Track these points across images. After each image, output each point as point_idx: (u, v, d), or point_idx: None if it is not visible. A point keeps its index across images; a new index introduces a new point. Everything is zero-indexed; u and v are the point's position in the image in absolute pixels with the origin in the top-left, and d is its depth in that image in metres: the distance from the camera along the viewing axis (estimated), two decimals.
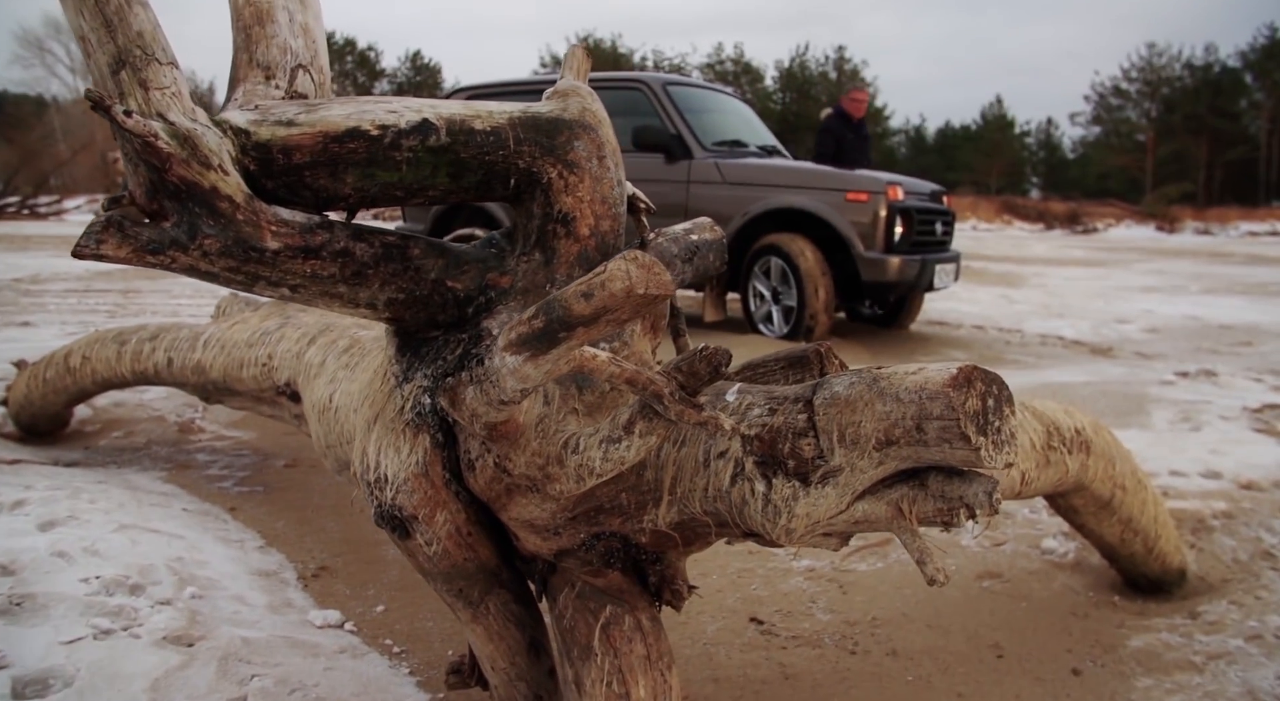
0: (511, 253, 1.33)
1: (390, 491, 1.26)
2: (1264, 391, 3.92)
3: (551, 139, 1.26)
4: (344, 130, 1.14)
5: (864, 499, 1.05)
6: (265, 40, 1.21)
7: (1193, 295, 9.22)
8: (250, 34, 1.21)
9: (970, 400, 0.94)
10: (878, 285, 4.79)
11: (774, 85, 49.83)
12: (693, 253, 1.28)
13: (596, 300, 0.82)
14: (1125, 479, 1.96)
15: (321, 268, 1.17)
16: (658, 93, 5.33)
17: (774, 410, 1.07)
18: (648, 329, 1.22)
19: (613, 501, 1.16)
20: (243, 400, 2.61)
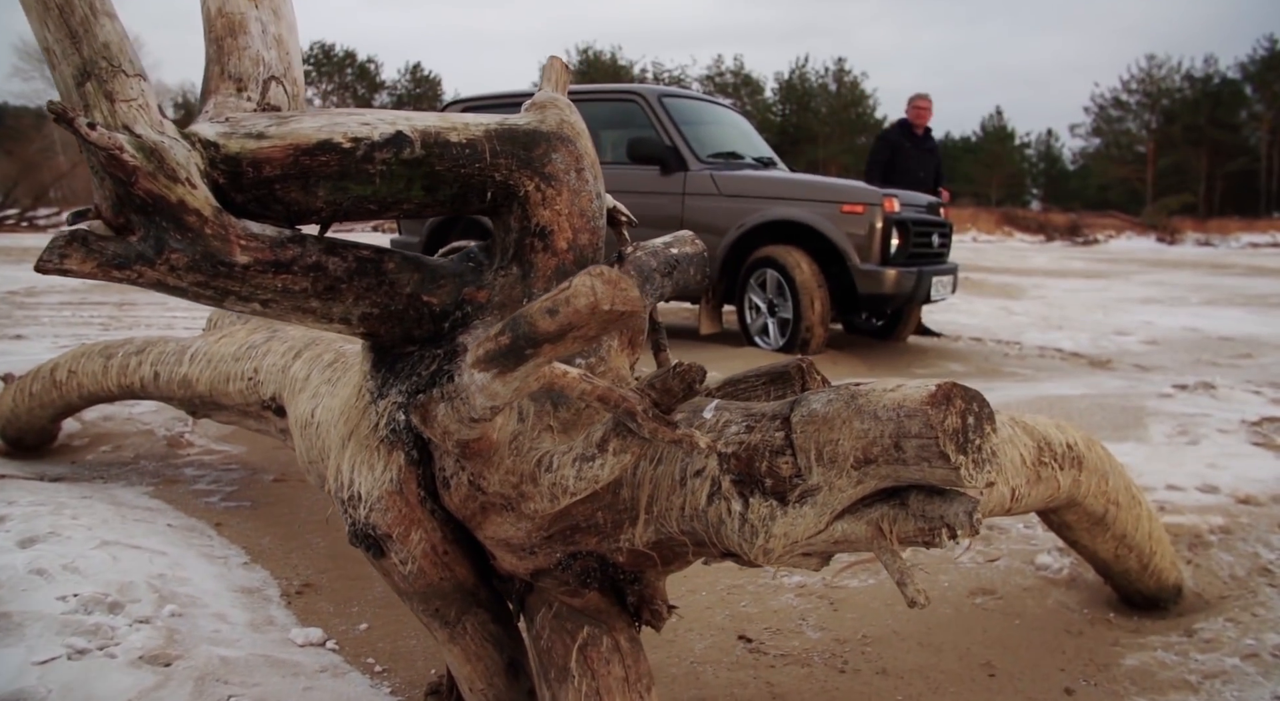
0: (489, 267, 1.31)
1: (364, 509, 1.24)
2: (1263, 404, 3.89)
3: (528, 151, 1.24)
4: (315, 143, 1.13)
5: (843, 518, 1.03)
6: (237, 52, 1.19)
7: (1193, 307, 9.20)
8: (222, 45, 1.19)
9: (949, 418, 0.92)
10: (874, 297, 4.77)
11: (774, 97, 49.97)
12: (672, 266, 1.26)
13: (561, 316, 0.80)
14: (1119, 494, 1.94)
15: (293, 282, 1.15)
16: (653, 105, 5.32)
17: (751, 427, 1.05)
18: (625, 344, 1.20)
19: (588, 520, 1.14)
20: (229, 414, 2.59)
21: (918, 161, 6.49)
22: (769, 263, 4.89)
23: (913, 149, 6.52)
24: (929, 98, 6.69)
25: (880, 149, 6.64)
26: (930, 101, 6.63)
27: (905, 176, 6.31)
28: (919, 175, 6.41)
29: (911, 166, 6.43)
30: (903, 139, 6.55)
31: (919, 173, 6.43)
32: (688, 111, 5.61)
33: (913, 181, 6.26)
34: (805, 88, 49.35)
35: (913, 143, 6.55)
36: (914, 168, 6.42)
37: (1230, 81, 44.48)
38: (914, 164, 6.45)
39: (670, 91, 5.75)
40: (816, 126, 47.52)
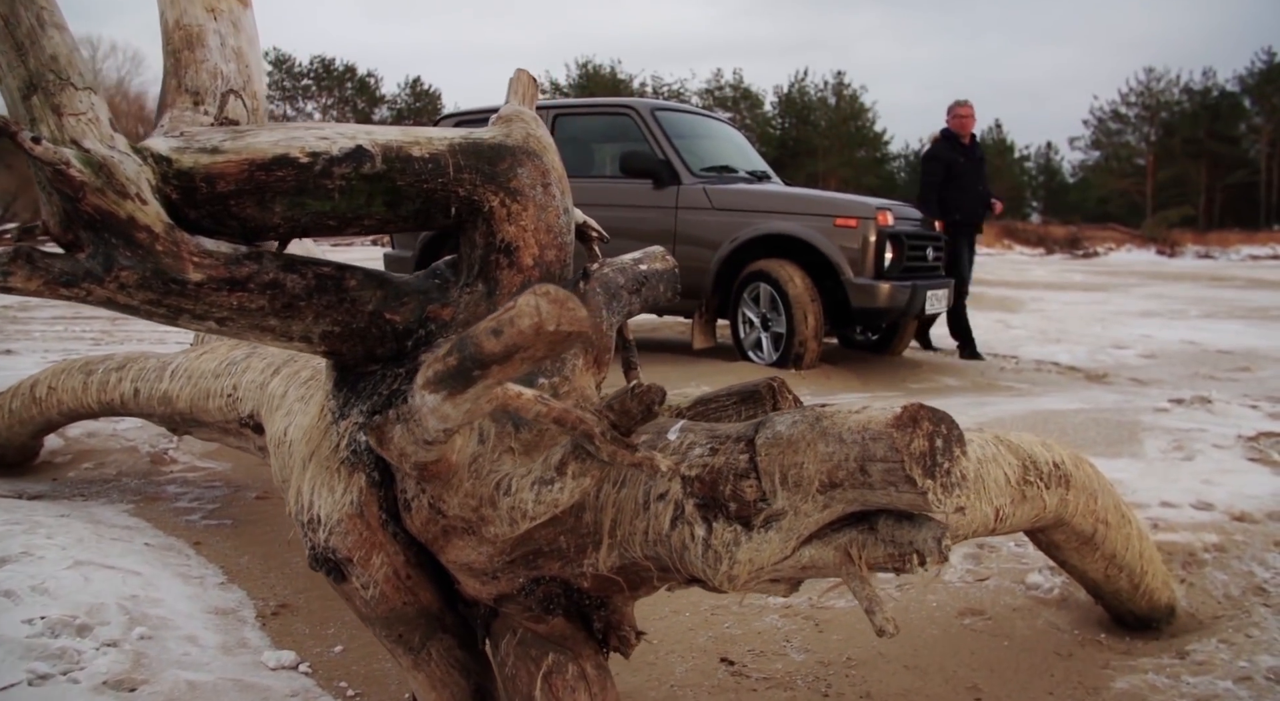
0: (455, 283, 1.28)
1: (324, 533, 1.20)
2: (1259, 419, 3.85)
3: (493, 166, 1.21)
4: (271, 158, 1.10)
5: (811, 543, 0.99)
6: (195, 65, 1.17)
7: (1191, 320, 9.17)
8: (179, 58, 1.17)
9: (916, 441, 0.89)
10: (867, 311, 4.74)
11: (773, 110, 50.10)
12: (641, 283, 1.23)
13: (506, 337, 0.77)
14: (1108, 513, 1.90)
15: (249, 300, 1.12)
16: (646, 118, 5.31)
17: (716, 450, 1.02)
18: (590, 363, 1.17)
19: (551, 544, 1.11)
20: (210, 432, 2.56)
21: (973, 174, 6.08)
22: (762, 277, 4.87)
23: (965, 162, 6.09)
24: (970, 104, 6.24)
25: (934, 169, 6.13)
26: (972, 108, 6.23)
27: (964, 193, 6.00)
28: (976, 189, 6.08)
29: (968, 180, 6.04)
30: (954, 153, 6.11)
31: (977, 186, 6.08)
32: (681, 125, 5.59)
33: (971, 197, 6.02)
34: (805, 101, 49.48)
35: (963, 155, 6.11)
36: (971, 181, 6.05)
37: (1229, 94, 44.59)
38: (970, 177, 6.05)
39: (663, 105, 5.74)
40: (816, 140, 47.62)
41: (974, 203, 6.09)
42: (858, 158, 48.15)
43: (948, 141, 6.19)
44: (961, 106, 6.20)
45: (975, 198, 6.09)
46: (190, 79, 1.16)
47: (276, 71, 48.08)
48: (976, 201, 6.09)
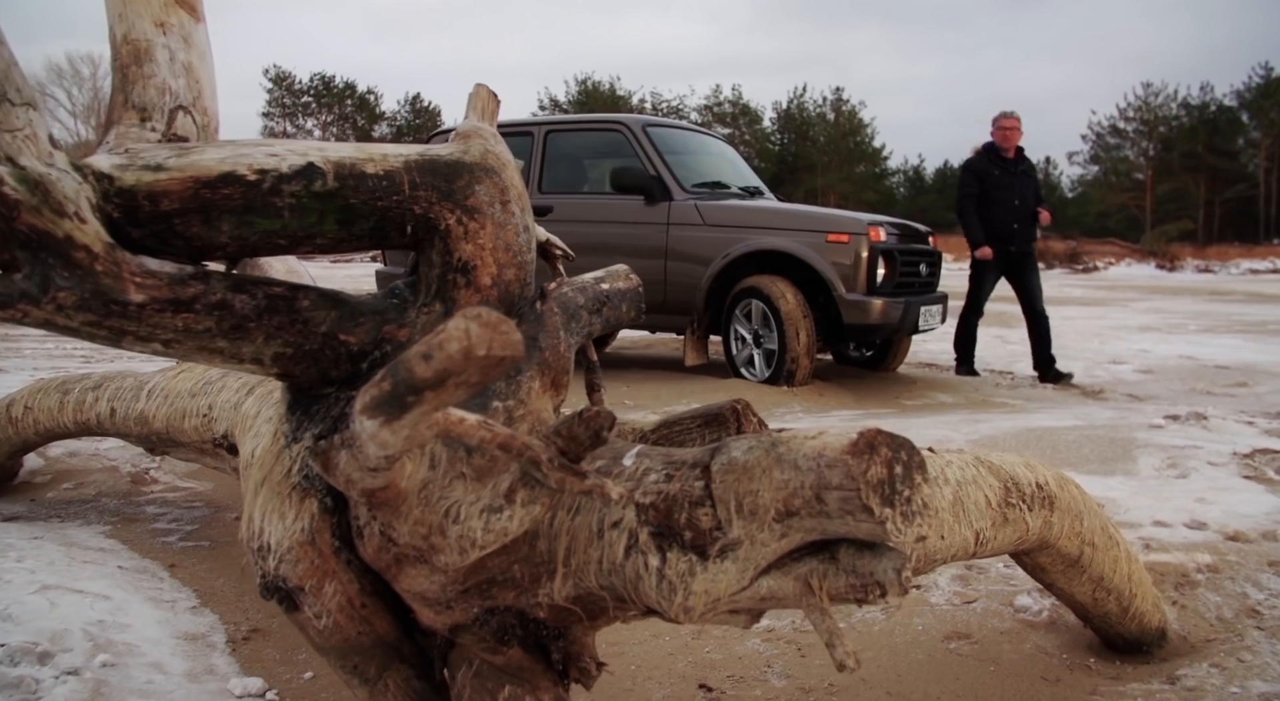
0: (413, 304, 1.25)
1: (273, 560, 1.17)
2: (1255, 435, 3.81)
3: (450, 183, 1.18)
4: (217, 175, 1.07)
5: (770, 574, 0.96)
6: (142, 80, 1.14)
7: (1190, 334, 9.13)
8: (127, 74, 1.14)
9: (873, 468, 0.85)
10: (860, 327, 4.71)
11: (772, 126, 50.26)
12: (601, 303, 1.20)
13: (436, 362, 0.73)
14: (1094, 535, 1.86)
15: (195, 321, 1.09)
16: (637, 134, 5.29)
17: (671, 476, 0.98)
18: (548, 385, 1.13)
19: (505, 574, 1.07)
20: (187, 452, 2.52)
21: (1010, 188, 5.81)
22: (754, 293, 4.84)
23: (1002, 175, 5.83)
24: (1016, 116, 5.94)
25: (967, 181, 5.95)
26: (1018, 120, 5.92)
27: (998, 207, 5.78)
28: (1013, 203, 5.79)
29: (1003, 195, 5.79)
30: (989, 166, 5.89)
31: (1013, 200, 5.80)
32: (673, 141, 5.58)
33: (1006, 211, 5.77)
34: (803, 117, 49.65)
35: (1002, 168, 5.86)
36: (1006, 196, 5.79)
37: (1227, 109, 44.72)
38: (1006, 192, 5.80)
39: (655, 121, 5.72)
40: (815, 155, 47.76)
41: (1006, 219, 5.79)
42: (857, 173, 48.26)
43: (988, 154, 5.95)
44: (1006, 118, 5.93)
45: (1010, 213, 5.79)
46: (137, 95, 1.13)
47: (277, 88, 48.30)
48: (1011, 216, 5.79)
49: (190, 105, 1.17)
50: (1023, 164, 5.94)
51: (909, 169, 54.12)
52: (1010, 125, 5.89)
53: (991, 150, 5.93)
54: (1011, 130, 5.88)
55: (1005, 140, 5.87)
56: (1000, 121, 5.94)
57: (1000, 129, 5.90)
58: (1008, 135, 5.87)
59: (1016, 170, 5.88)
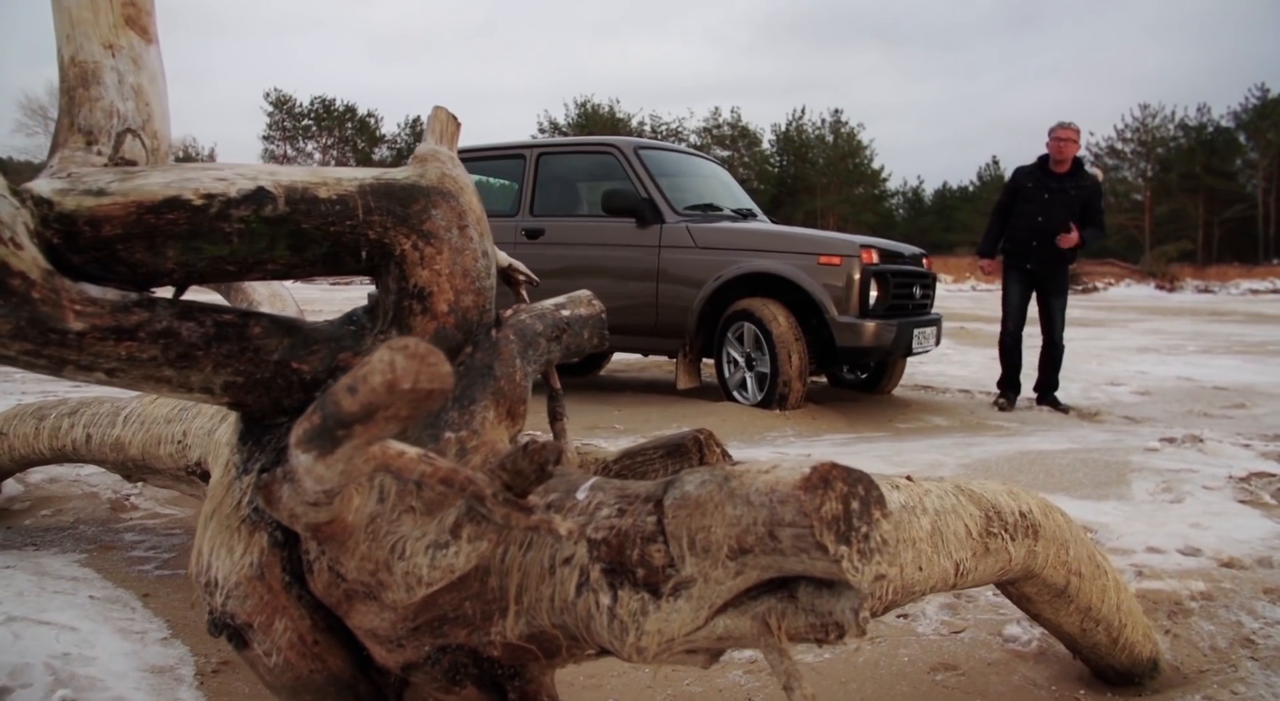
0: (370, 330, 1.22)
1: (221, 596, 1.13)
2: (1251, 458, 3.77)
3: (405, 208, 1.15)
4: (161, 200, 1.04)
5: (726, 612, 0.92)
6: (89, 103, 1.12)
7: (1189, 355, 9.09)
8: (74, 96, 1.11)
9: (827, 504, 0.81)
10: (853, 350, 4.67)
11: (771, 148, 50.46)
12: (561, 330, 1.17)
13: (360, 396, 0.70)
14: (1081, 564, 1.81)
15: (139, 350, 1.05)
16: (629, 157, 5.28)
17: (624, 511, 0.94)
18: (503, 415, 1.10)
19: (456, 611, 1.03)
20: (163, 478, 2.49)
21: (1039, 203, 5.42)
22: (746, 316, 4.80)
23: (1035, 189, 5.45)
24: (1073, 127, 5.45)
25: (1006, 191, 5.65)
26: (1075, 131, 5.44)
27: (1021, 221, 5.46)
28: (1036, 219, 5.40)
29: (1029, 209, 5.43)
30: (1026, 178, 5.51)
31: (1037, 216, 5.40)
32: (664, 163, 5.57)
33: (1028, 227, 5.42)
34: (802, 139, 49.86)
35: (1038, 181, 5.46)
36: (1031, 210, 5.42)
37: (1224, 130, 44.92)
38: (1033, 206, 5.42)
39: (647, 143, 5.72)
40: (814, 177, 47.93)
41: (1026, 236, 5.44)
42: (856, 195, 48.40)
43: (1038, 166, 5.53)
44: (1062, 129, 5.44)
45: (1030, 231, 5.43)
46: (84, 118, 1.11)
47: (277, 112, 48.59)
48: (1030, 235, 5.43)
49: (139, 128, 1.14)
50: (1072, 180, 5.44)
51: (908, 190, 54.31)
52: (1066, 136, 5.40)
53: (1043, 162, 5.52)
54: (1066, 141, 5.39)
55: (1059, 151, 5.41)
56: (1055, 131, 5.46)
57: (1055, 139, 5.44)
58: (1062, 146, 5.40)
59: (1057, 186, 5.43)
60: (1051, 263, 5.50)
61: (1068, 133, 5.41)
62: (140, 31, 1.13)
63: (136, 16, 1.12)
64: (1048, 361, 5.62)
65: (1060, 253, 5.42)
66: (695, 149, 45.03)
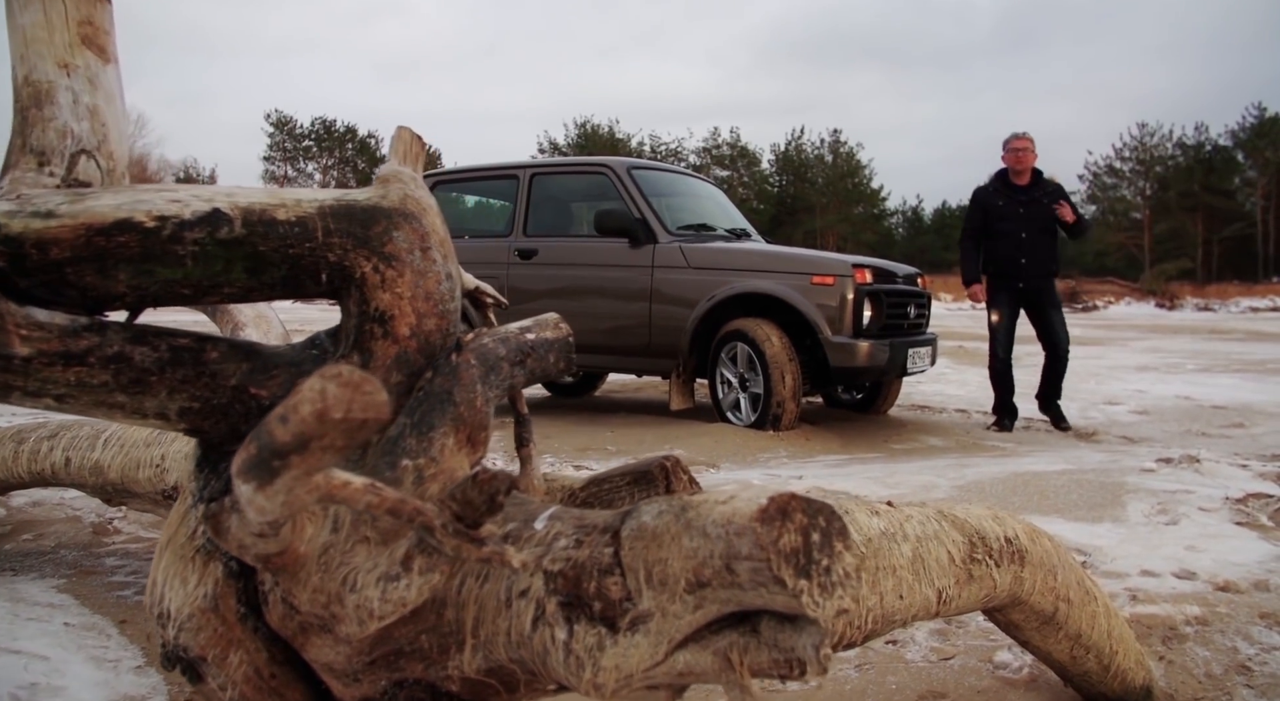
0: (332, 354, 1.19)
1: (173, 629, 1.09)
2: (1249, 479, 3.73)
3: (366, 229, 1.13)
4: (112, 222, 1.02)
5: (687, 647, 0.88)
6: (42, 123, 1.09)
7: (1188, 374, 9.06)
8: (27, 116, 1.09)
9: (785, 536, 0.78)
10: (847, 370, 4.64)
11: (770, 168, 50.63)
12: (525, 354, 1.14)
13: (291, 426, 0.68)
14: (1069, 590, 1.78)
15: (90, 375, 1.03)
16: (622, 177, 5.28)
17: (581, 542, 0.91)
18: (464, 441, 1.07)
19: (412, 644, 1.00)
20: (143, 502, 2.45)
21: (1016, 219, 5.30)
22: (739, 336, 4.78)
23: (1007, 205, 5.33)
24: (1028, 137, 5.37)
25: (971, 213, 5.54)
26: (1030, 141, 5.36)
27: (1003, 240, 5.33)
28: (1019, 236, 5.29)
29: (1008, 227, 5.31)
30: (994, 196, 5.41)
31: (1019, 233, 5.29)
32: (658, 183, 5.56)
33: (1012, 245, 5.31)
34: (801, 159, 50.03)
35: (1009, 197, 5.35)
36: (1012, 228, 5.30)
37: (1222, 148, 45.07)
38: (1012, 223, 5.30)
39: (640, 163, 5.71)
40: (814, 197, 48.06)
41: (1011, 254, 5.33)
42: (855, 214, 48.52)
43: (999, 181, 5.46)
44: (1017, 140, 5.36)
45: (1015, 248, 5.32)
46: (36, 138, 1.09)
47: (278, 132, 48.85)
48: (1016, 253, 5.32)
49: (94, 149, 1.12)
50: (1037, 190, 5.37)
51: (907, 209, 54.45)
52: (1022, 146, 5.34)
53: (1003, 177, 5.45)
54: (1023, 151, 5.33)
55: (1019, 162, 5.35)
56: (1011, 143, 5.39)
57: (1013, 151, 5.37)
58: (1020, 157, 5.34)
59: (1028, 198, 5.34)
60: (1041, 277, 5.45)
61: (1024, 142, 5.35)
62: (98, 51, 1.11)
63: (94, 36, 1.10)
64: (1052, 372, 5.52)
65: (1049, 265, 5.45)
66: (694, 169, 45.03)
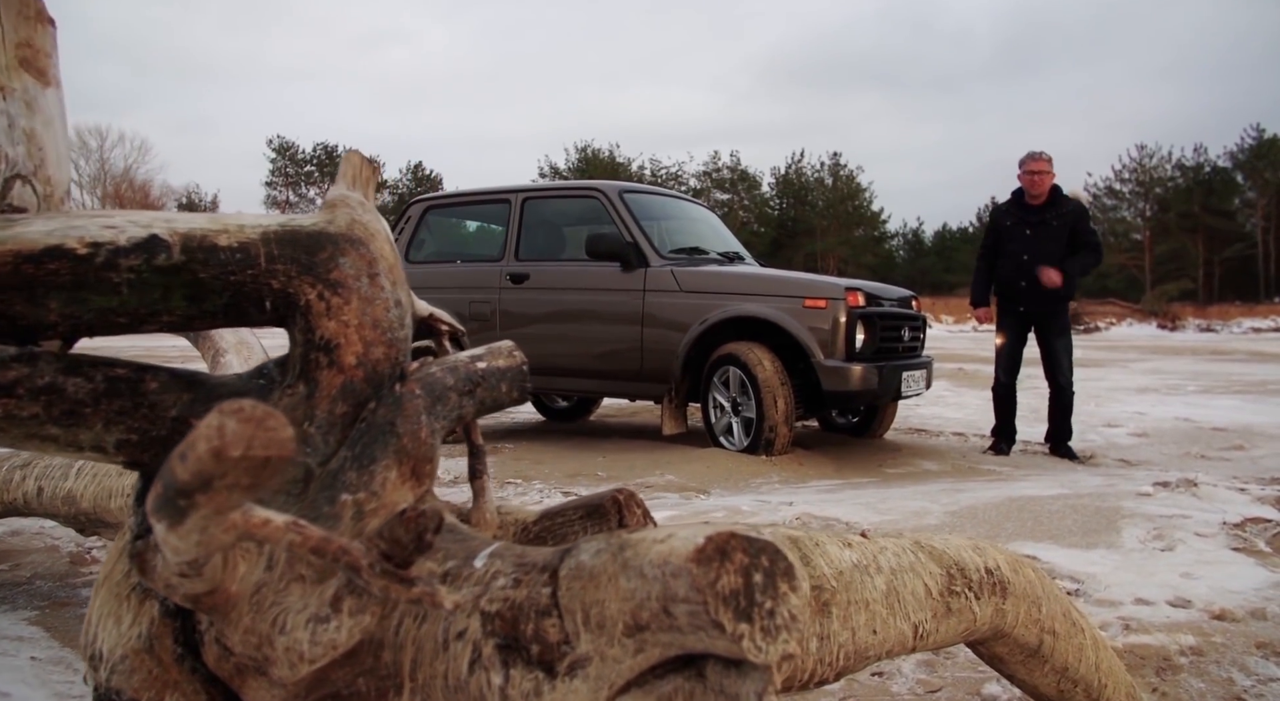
0: (280, 384, 1.15)
1: (105, 671, 1.05)
2: (1247, 503, 3.67)
3: (311, 256, 1.10)
4: (41, 249, 0.98)
5: (629, 692, 0.84)
6: None
7: (1189, 395, 9.00)
8: None
9: (724, 578, 0.74)
10: (839, 394, 4.60)
11: (771, 191, 50.78)
12: (475, 384, 1.11)
13: (190, 464, 0.64)
14: (1055, 622, 1.73)
15: (18, 407, 0.99)
16: (614, 200, 5.26)
17: (519, 581, 0.87)
18: (407, 475, 1.03)
19: (349, 687, 0.95)
20: (115, 532, 2.41)
21: (1022, 241, 5.18)
22: (732, 360, 4.74)
23: (1015, 226, 5.22)
24: (1045, 157, 5.16)
25: (987, 232, 5.46)
26: (1048, 161, 5.15)
27: (1007, 261, 5.24)
28: (1022, 258, 5.16)
29: (1013, 248, 5.20)
30: (1007, 215, 5.29)
31: (1022, 255, 5.16)
32: (650, 207, 5.55)
33: (1015, 267, 5.20)
34: (802, 182, 50.19)
35: (1017, 218, 5.23)
36: (1016, 249, 5.19)
37: (1221, 169, 45.18)
38: (1017, 245, 5.18)
39: (632, 187, 5.70)
40: (814, 219, 48.16)
41: (1013, 276, 5.23)
42: (856, 237, 48.62)
43: (1014, 201, 5.31)
44: (1033, 160, 5.15)
45: (1017, 270, 5.21)
46: None
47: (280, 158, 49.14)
48: (1018, 275, 5.20)
49: (31, 174, 1.09)
50: (1053, 210, 5.17)
51: (908, 232, 54.57)
52: (1038, 168, 5.12)
53: (1018, 196, 5.29)
54: (1038, 174, 5.12)
55: (1034, 185, 5.15)
56: (1027, 164, 5.18)
57: (1028, 173, 5.17)
58: (1035, 180, 5.13)
59: (1038, 220, 5.17)
60: (1045, 301, 5.24)
61: (1039, 164, 5.14)
62: (37, 74, 1.09)
63: (33, 58, 1.08)
64: (1057, 408, 5.33)
65: (1054, 292, 5.20)
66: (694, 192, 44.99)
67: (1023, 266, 5.20)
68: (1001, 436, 5.41)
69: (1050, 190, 5.22)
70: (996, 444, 5.39)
